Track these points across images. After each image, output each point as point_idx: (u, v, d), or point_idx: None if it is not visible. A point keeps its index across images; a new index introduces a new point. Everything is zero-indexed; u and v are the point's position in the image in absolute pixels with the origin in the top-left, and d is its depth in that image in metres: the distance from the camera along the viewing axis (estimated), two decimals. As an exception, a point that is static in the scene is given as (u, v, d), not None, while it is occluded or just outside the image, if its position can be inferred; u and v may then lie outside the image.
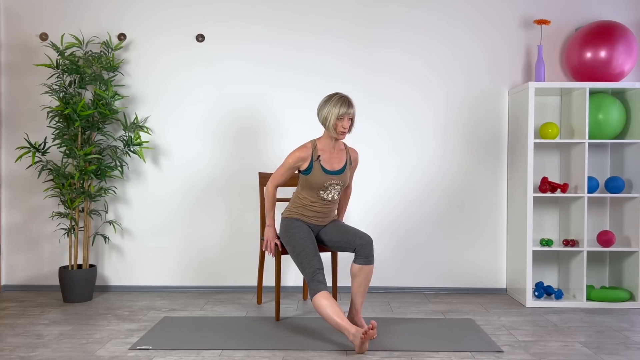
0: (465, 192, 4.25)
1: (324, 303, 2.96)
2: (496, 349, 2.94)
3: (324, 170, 3.22)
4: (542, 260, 4.24)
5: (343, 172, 3.28)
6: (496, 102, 4.24)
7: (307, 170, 3.23)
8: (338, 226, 3.33)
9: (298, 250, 3.18)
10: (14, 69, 4.26)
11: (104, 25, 4.25)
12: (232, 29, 4.24)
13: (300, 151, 3.21)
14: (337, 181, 3.25)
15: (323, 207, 3.31)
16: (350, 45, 4.23)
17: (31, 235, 4.28)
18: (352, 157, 3.38)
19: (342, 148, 3.34)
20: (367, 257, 3.17)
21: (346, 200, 3.58)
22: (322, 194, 3.26)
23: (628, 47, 3.90)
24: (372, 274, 3.33)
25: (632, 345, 3.04)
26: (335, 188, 3.27)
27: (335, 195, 3.29)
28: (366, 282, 3.20)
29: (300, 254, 3.16)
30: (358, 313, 3.24)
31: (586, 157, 3.86)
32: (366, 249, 3.16)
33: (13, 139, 4.27)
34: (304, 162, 3.22)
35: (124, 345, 3.00)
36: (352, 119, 3.21)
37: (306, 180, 3.25)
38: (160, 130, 4.26)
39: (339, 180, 3.26)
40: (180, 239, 4.27)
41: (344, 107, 3.14)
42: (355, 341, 2.82)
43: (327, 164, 3.24)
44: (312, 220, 3.34)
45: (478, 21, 4.23)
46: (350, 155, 3.36)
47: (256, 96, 4.25)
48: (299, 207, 3.33)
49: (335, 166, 3.27)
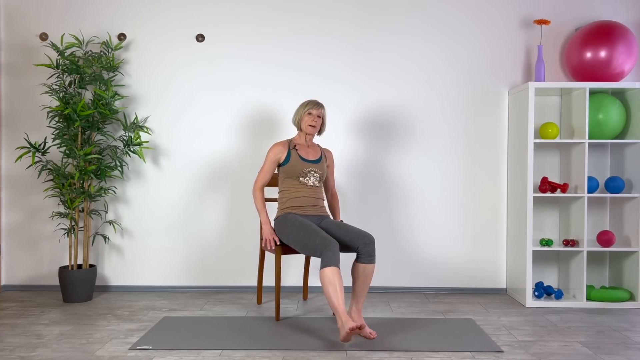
0: (465, 192, 4.25)
1: (329, 279, 2.98)
2: (496, 349, 2.94)
3: (301, 158, 3.47)
4: (542, 260, 4.24)
5: (319, 162, 3.50)
6: (496, 102, 4.24)
7: (285, 160, 3.48)
8: (340, 225, 3.35)
9: (299, 234, 3.22)
10: (14, 69, 4.26)
11: (104, 25, 4.25)
12: (232, 29, 4.24)
13: (277, 144, 3.52)
14: (315, 169, 3.47)
15: (310, 192, 3.46)
16: (350, 44, 4.23)
17: (31, 235, 4.28)
18: (327, 155, 3.64)
19: (315, 146, 3.58)
20: (370, 256, 3.20)
21: (335, 204, 3.73)
22: (302, 180, 3.46)
23: (628, 47, 3.90)
24: (374, 273, 3.44)
25: (632, 345, 3.04)
26: (314, 175, 3.46)
27: (315, 181, 3.47)
28: (368, 281, 3.23)
29: (304, 236, 3.19)
30: (359, 312, 3.25)
31: (586, 157, 3.86)
32: (369, 248, 3.19)
33: (13, 139, 4.27)
34: (282, 154, 3.49)
35: (124, 345, 3.00)
36: (322, 119, 3.51)
37: (285, 171, 3.47)
38: (160, 130, 4.26)
39: (317, 168, 3.47)
40: (180, 239, 4.27)
41: (311, 104, 3.47)
42: (342, 331, 2.88)
43: (303, 153, 3.51)
44: (305, 210, 3.44)
45: (478, 21, 4.23)
46: (325, 153, 3.61)
47: (256, 96, 4.25)
48: (287, 201, 3.47)
49: (311, 157, 3.51)
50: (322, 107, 3.50)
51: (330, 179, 3.68)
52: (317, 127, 3.49)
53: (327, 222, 3.42)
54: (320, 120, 3.51)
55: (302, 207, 3.43)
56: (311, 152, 3.54)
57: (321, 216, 3.49)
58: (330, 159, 3.66)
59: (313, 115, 3.47)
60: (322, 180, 3.54)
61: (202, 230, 4.27)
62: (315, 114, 3.47)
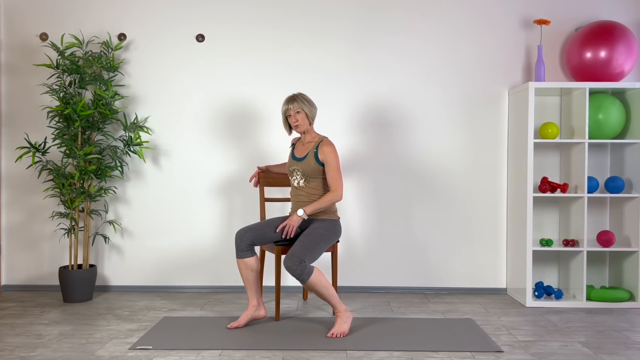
0: (465, 192, 4.25)
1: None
2: (496, 349, 2.94)
3: (292, 156, 3.51)
4: (542, 260, 4.24)
5: (302, 161, 3.42)
6: (496, 102, 4.24)
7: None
8: (304, 233, 3.30)
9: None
10: (14, 69, 4.26)
11: (104, 25, 4.25)
12: (232, 29, 4.24)
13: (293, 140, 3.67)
14: (297, 167, 3.44)
15: (296, 193, 3.47)
16: (350, 45, 4.23)
17: (31, 235, 4.28)
18: (320, 149, 3.38)
19: (311, 141, 3.47)
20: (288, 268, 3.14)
21: (323, 197, 3.36)
22: (290, 179, 3.52)
23: (628, 47, 3.90)
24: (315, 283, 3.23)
25: (632, 345, 3.04)
26: (297, 174, 3.44)
27: (300, 182, 3.43)
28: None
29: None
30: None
31: (586, 157, 3.86)
32: (287, 267, 3.13)
33: (13, 139, 4.27)
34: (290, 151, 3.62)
35: (124, 345, 3.00)
36: (303, 111, 3.39)
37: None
38: (160, 130, 4.26)
39: (299, 167, 3.43)
40: (180, 239, 4.27)
41: (285, 104, 3.42)
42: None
43: (297, 151, 3.51)
44: (293, 206, 3.52)
45: (478, 21, 4.23)
46: (319, 148, 3.38)
47: (256, 96, 4.25)
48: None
49: (299, 155, 3.48)
50: (297, 100, 3.37)
51: (328, 176, 3.37)
52: (301, 123, 3.38)
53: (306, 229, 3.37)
54: (302, 114, 3.37)
55: (292, 209, 3.48)
56: (303, 149, 3.46)
57: (305, 220, 3.45)
58: (325, 153, 3.35)
59: (292, 115, 3.38)
60: (309, 179, 3.41)
61: (202, 230, 4.27)
62: (293, 112, 3.37)
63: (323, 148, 3.37)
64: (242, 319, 3.32)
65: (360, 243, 4.26)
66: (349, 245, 4.26)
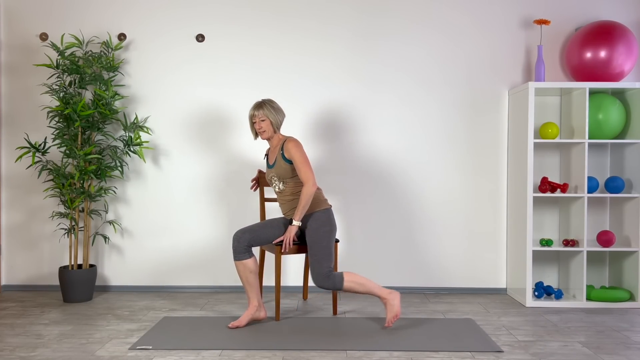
0: (465, 192, 4.25)
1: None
2: (496, 349, 2.94)
3: (267, 166, 3.57)
4: (542, 260, 4.24)
5: (273, 167, 3.49)
6: (496, 102, 4.24)
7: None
8: (309, 242, 3.39)
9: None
10: (14, 69, 4.26)
11: (104, 25, 4.25)
12: (232, 29, 4.24)
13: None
14: (273, 174, 3.50)
15: (279, 197, 3.53)
16: (349, 45, 4.23)
17: (31, 235, 4.28)
18: (285, 149, 3.40)
19: (277, 145, 3.50)
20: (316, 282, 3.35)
21: (301, 196, 3.34)
22: (272, 187, 3.58)
23: (628, 47, 3.90)
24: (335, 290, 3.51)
25: (632, 345, 3.04)
26: (275, 180, 3.50)
27: (279, 186, 3.48)
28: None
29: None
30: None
31: (586, 157, 3.86)
32: (322, 287, 3.34)
33: (13, 139, 4.27)
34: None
35: (124, 345, 3.00)
36: (267, 118, 3.39)
37: None
38: (160, 130, 4.26)
39: (274, 172, 3.49)
40: (180, 239, 4.27)
41: (251, 110, 3.44)
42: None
43: (270, 159, 3.55)
44: (282, 210, 3.57)
45: (478, 21, 4.23)
46: (284, 148, 3.41)
47: (256, 97, 4.25)
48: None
49: (271, 162, 3.53)
50: (263, 107, 3.39)
51: (297, 172, 3.37)
52: (265, 130, 3.40)
53: (307, 232, 3.42)
54: (267, 121, 3.39)
55: (282, 212, 3.56)
56: (272, 155, 3.52)
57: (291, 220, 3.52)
58: (290, 151, 3.37)
59: (257, 122, 3.41)
60: (285, 180, 3.45)
61: (202, 230, 4.27)
62: (258, 120, 3.40)
63: (287, 146, 3.40)
64: (243, 319, 3.33)
65: (360, 243, 4.26)
66: (349, 246, 4.27)
